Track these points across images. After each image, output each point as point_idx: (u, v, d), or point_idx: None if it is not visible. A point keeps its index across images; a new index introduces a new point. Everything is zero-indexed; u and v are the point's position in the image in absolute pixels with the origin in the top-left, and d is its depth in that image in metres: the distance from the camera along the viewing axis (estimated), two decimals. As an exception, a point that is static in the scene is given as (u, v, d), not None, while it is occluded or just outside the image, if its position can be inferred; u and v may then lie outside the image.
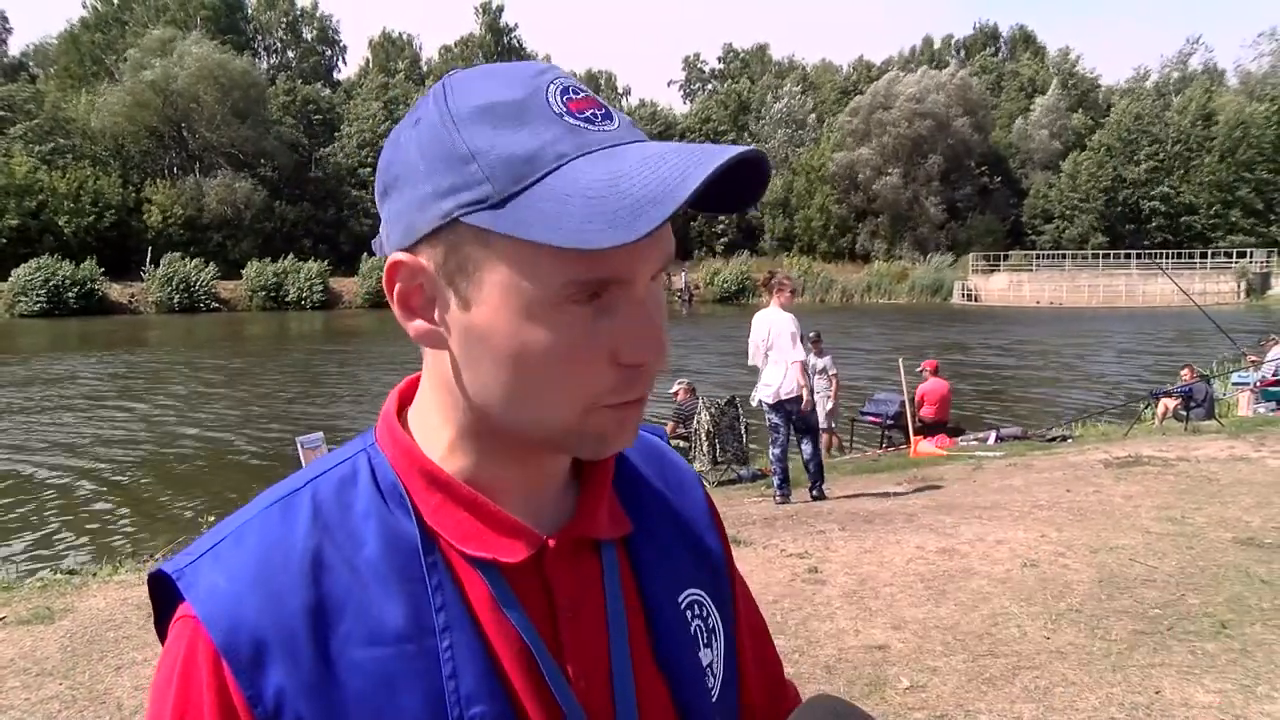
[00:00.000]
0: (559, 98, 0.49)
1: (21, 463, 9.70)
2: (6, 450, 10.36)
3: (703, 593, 0.63)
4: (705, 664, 0.61)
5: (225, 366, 18.95)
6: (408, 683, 0.50)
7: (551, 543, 0.55)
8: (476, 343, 0.50)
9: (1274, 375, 11.12)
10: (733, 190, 0.50)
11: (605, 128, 0.49)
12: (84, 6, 49.17)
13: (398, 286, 0.51)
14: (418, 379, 0.59)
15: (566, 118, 0.48)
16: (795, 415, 6.02)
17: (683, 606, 0.61)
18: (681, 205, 0.44)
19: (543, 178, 0.46)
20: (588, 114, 0.49)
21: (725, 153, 0.46)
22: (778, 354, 5.87)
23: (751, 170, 0.49)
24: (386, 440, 0.57)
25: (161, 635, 0.54)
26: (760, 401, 6.08)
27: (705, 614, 0.63)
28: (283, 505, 0.54)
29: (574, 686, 0.54)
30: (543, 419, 0.51)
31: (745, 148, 0.47)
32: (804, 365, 6.02)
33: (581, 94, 0.50)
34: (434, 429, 0.56)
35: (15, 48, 54.62)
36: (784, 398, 5.90)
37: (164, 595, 0.54)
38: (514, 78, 0.50)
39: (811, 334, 8.68)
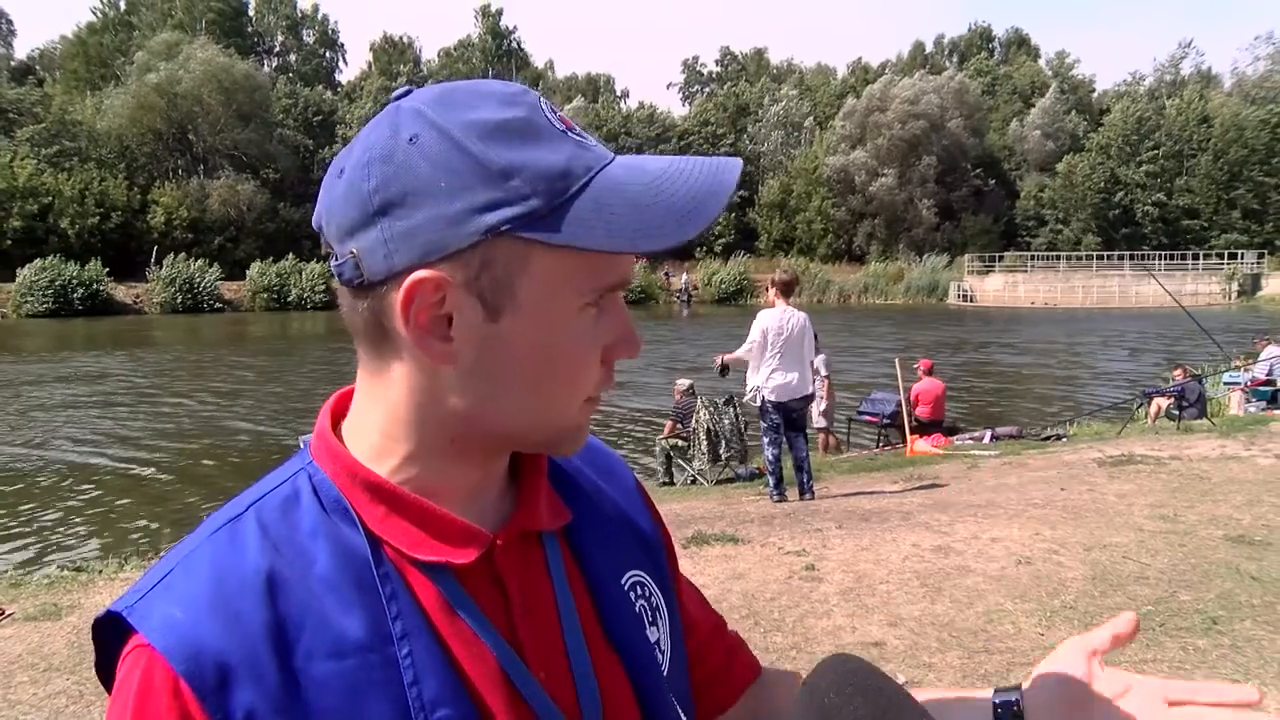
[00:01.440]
0: (553, 116, 0.52)
1: (29, 460, 9.73)
2: (14, 447, 10.38)
3: (643, 573, 0.65)
4: (653, 641, 0.62)
5: (234, 366, 19.00)
6: (372, 692, 0.50)
7: (500, 540, 0.56)
8: (496, 352, 0.52)
9: (1265, 375, 11.23)
10: None
11: (596, 142, 0.53)
12: (92, 12, 49.78)
13: (416, 304, 0.50)
14: (348, 394, 0.59)
15: (569, 134, 0.51)
16: (796, 415, 6.06)
17: (626, 588, 0.63)
18: (724, 206, 0.50)
19: (580, 190, 0.49)
20: (578, 130, 0.52)
21: (734, 163, 0.52)
22: (801, 353, 5.89)
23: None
24: (325, 456, 0.56)
25: (106, 680, 0.53)
26: (764, 400, 5.99)
27: (648, 594, 0.64)
28: (229, 530, 0.53)
29: (537, 679, 0.55)
30: (551, 418, 0.54)
31: (737, 161, 0.52)
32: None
33: (561, 112, 0.53)
34: (383, 441, 0.55)
35: (20, 50, 55.37)
36: (795, 397, 5.95)
37: (110, 637, 0.52)
38: (506, 97, 0.52)
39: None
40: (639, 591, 0.63)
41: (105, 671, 0.53)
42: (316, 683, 0.49)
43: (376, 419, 0.56)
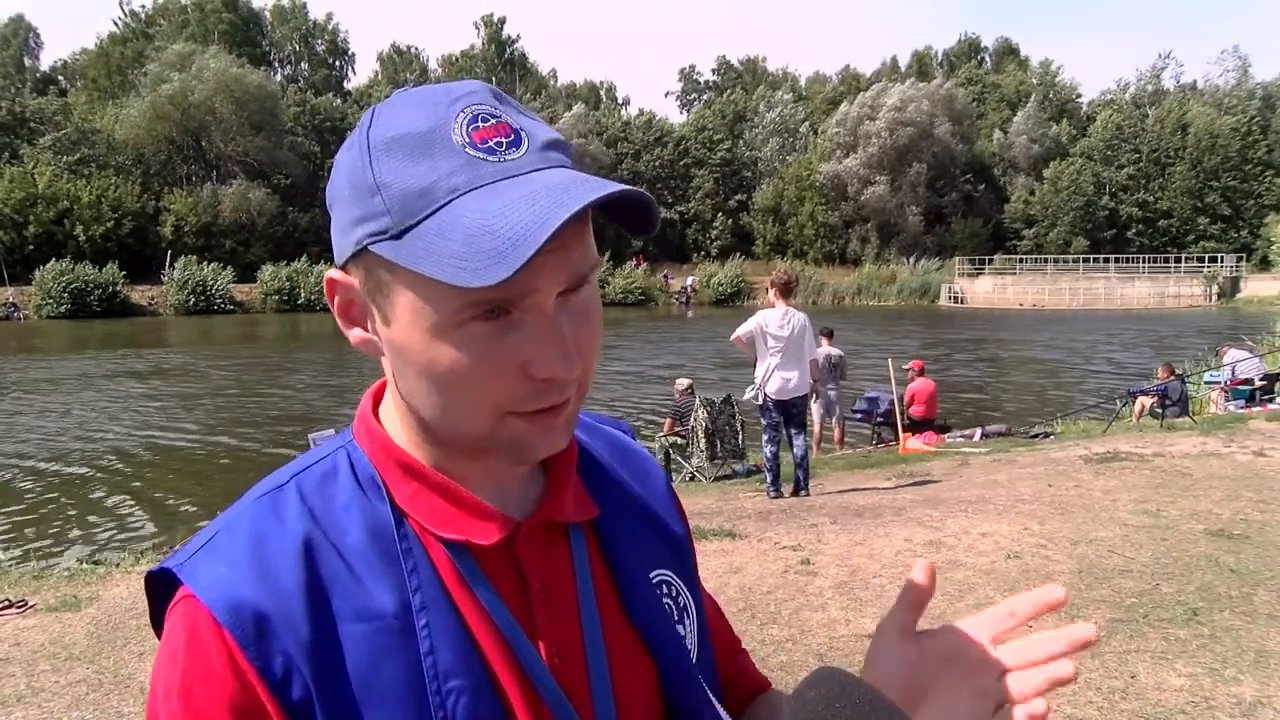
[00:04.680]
0: (464, 128, 0.50)
1: (47, 457, 9.79)
2: (35, 445, 10.44)
3: (670, 573, 0.66)
4: (681, 636, 0.64)
5: (247, 365, 19.11)
6: (390, 657, 0.53)
7: (523, 528, 0.58)
8: (398, 355, 0.54)
9: (1235, 376, 11.45)
10: (639, 214, 0.52)
11: (508, 157, 0.50)
12: (114, 22, 50.54)
13: (336, 299, 0.56)
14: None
15: (467, 149, 0.50)
16: (796, 412, 6.19)
17: (653, 583, 0.64)
18: (540, 248, 0.45)
19: (435, 212, 0.49)
20: (490, 144, 0.50)
21: (588, 195, 0.47)
22: (801, 353, 6.00)
23: (641, 201, 0.51)
24: (363, 436, 0.60)
25: (158, 629, 0.56)
26: (765, 398, 6.07)
27: (675, 593, 0.66)
28: (271, 498, 0.57)
29: (548, 664, 0.57)
30: (459, 426, 0.54)
31: (615, 188, 0.49)
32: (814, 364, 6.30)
33: (490, 122, 0.51)
34: (400, 425, 0.59)
35: (45, 62, 56.18)
36: (795, 395, 6.07)
37: (160, 591, 0.56)
38: (427, 105, 0.51)
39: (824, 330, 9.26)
40: (664, 590, 0.65)
41: (156, 621, 0.57)
42: (343, 643, 0.52)
43: (389, 404, 0.60)
